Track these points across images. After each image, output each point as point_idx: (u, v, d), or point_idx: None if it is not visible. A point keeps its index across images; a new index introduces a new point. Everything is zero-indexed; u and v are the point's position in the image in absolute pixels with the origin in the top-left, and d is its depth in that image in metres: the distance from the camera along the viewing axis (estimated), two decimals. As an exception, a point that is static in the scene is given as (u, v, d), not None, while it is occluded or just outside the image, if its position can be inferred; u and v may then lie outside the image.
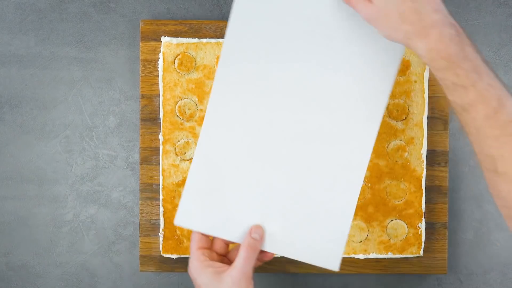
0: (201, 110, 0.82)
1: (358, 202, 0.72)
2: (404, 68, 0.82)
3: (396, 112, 0.82)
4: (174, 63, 0.82)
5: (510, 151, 0.57)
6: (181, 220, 0.70)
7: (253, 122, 0.69)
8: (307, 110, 0.69)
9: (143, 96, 0.83)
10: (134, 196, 0.85)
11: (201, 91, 0.82)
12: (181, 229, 0.82)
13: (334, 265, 0.70)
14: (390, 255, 0.82)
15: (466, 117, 0.59)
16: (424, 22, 0.59)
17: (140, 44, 0.82)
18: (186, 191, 0.69)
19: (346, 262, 0.83)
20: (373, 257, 0.82)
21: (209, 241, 0.70)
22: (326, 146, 0.70)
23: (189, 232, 0.82)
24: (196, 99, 0.82)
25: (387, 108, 0.82)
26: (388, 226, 0.82)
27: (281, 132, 0.70)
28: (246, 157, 0.70)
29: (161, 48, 0.82)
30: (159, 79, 0.82)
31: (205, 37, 0.82)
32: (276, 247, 0.70)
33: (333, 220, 0.70)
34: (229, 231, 0.69)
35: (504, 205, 0.59)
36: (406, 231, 0.82)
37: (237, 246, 0.69)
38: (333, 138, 0.70)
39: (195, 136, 0.82)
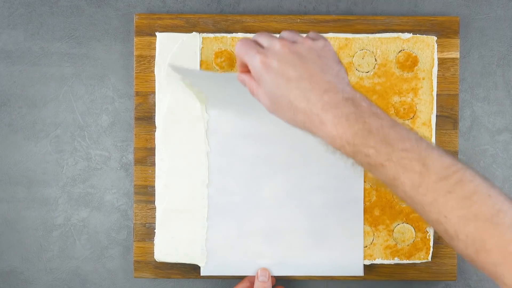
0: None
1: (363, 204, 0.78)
2: (412, 64, 0.80)
3: (403, 111, 0.80)
4: (170, 59, 0.80)
5: (458, 214, 0.52)
6: (208, 271, 0.80)
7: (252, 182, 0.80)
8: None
9: (137, 93, 0.82)
10: (128, 198, 0.84)
11: (198, 89, 0.80)
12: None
13: (358, 271, 0.80)
14: (396, 260, 0.81)
15: (396, 190, 0.55)
16: (315, 108, 0.55)
17: (134, 39, 0.81)
18: (208, 245, 0.80)
19: (351, 268, 0.82)
20: (378, 262, 0.81)
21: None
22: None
23: (186, 236, 0.81)
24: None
25: (393, 106, 0.80)
26: (394, 230, 0.81)
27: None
28: (253, 205, 0.80)
29: (156, 43, 0.80)
30: (154, 75, 0.80)
31: (203, 31, 0.81)
32: (301, 270, 0.80)
33: (345, 231, 0.79)
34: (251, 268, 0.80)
35: None
36: (414, 236, 0.81)
37: None
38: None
39: (192, 135, 0.80)
